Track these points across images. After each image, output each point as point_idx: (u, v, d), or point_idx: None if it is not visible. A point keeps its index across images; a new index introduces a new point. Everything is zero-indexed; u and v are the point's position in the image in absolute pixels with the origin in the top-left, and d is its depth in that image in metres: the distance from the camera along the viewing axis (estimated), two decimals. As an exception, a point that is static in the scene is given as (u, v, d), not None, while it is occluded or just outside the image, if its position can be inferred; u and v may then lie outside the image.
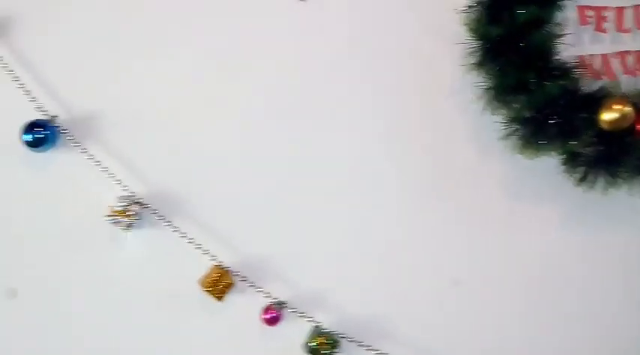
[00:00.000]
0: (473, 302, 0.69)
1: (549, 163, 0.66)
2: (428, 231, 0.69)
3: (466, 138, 0.69)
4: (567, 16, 0.68)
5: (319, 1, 0.69)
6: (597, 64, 0.68)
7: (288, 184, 0.69)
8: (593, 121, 0.63)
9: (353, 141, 0.69)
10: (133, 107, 0.69)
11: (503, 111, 0.66)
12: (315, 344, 0.65)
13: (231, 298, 0.66)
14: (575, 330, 0.69)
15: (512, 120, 0.66)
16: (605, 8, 0.68)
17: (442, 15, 0.67)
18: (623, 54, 0.68)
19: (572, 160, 0.66)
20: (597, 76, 0.67)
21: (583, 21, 0.68)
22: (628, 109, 0.62)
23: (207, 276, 0.66)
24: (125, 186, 0.66)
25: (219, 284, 0.66)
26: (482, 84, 0.66)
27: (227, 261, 0.67)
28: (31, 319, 0.69)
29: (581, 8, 0.68)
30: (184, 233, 0.66)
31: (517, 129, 0.65)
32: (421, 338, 0.69)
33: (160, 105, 0.69)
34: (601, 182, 0.64)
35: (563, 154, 0.66)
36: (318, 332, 0.66)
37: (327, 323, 0.66)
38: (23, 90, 0.67)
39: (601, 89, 0.64)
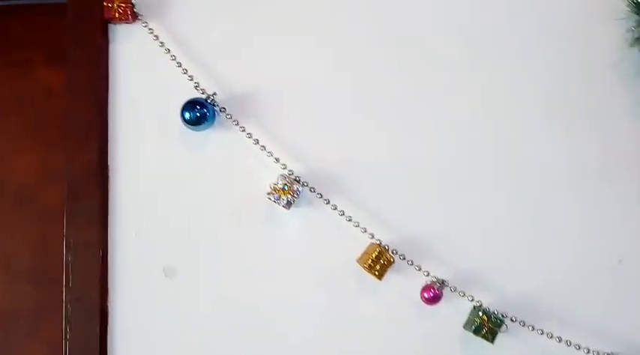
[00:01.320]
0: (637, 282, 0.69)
1: None
2: (593, 212, 0.69)
3: (631, 115, 0.68)
4: None
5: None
6: None
7: (451, 165, 0.70)
8: None
9: (515, 123, 0.69)
10: (292, 86, 0.70)
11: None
12: (478, 323, 0.66)
13: (390, 276, 0.67)
14: None
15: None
16: None
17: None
18: None
19: None
20: None
21: None
22: None
23: (366, 254, 0.67)
24: (283, 165, 0.68)
25: (379, 262, 0.67)
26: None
27: (385, 239, 0.67)
28: (188, 296, 0.71)
29: None
30: (342, 211, 0.68)
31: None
32: (591, 322, 0.68)
33: (319, 84, 0.70)
34: None
35: None
36: (480, 311, 0.66)
37: (487, 303, 0.67)
38: (181, 70, 0.69)
39: None
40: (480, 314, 0.66)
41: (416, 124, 0.70)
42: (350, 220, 0.68)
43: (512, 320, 0.67)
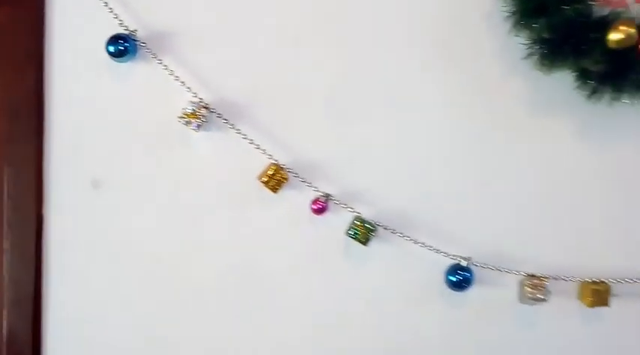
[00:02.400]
0: (492, 198, 0.83)
1: (565, 79, 0.79)
2: (459, 139, 0.83)
3: (495, 58, 0.82)
4: (587, -53, 0.80)
5: None
6: (615, -9, 0.80)
7: (342, 96, 0.82)
8: (602, 41, 0.75)
9: (400, 62, 0.82)
10: (205, 22, 0.82)
11: (526, 33, 0.79)
12: (355, 230, 0.81)
13: (284, 191, 0.81)
14: (587, 228, 0.84)
15: (534, 41, 0.79)
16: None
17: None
18: (635, -17, 0.80)
19: (584, 76, 0.78)
20: (612, 3, 0.79)
21: (601, -48, 0.80)
22: (632, 31, 0.74)
23: (264, 172, 0.81)
24: (194, 93, 0.81)
25: (274, 178, 0.81)
26: (509, 8, 0.79)
27: (282, 159, 0.81)
28: (114, 207, 0.85)
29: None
30: (245, 134, 0.81)
31: (537, 49, 0.78)
32: (452, 232, 0.83)
33: (233, 23, 0.82)
34: (608, 96, 0.78)
35: (576, 71, 0.78)
36: (358, 219, 0.81)
37: (366, 214, 0.81)
38: (107, 9, 0.81)
39: (610, 13, 0.76)
40: (357, 222, 0.81)
41: (314, 56, 0.82)
42: (252, 143, 0.81)
43: (384, 228, 0.82)
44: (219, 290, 0.86)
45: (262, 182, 0.81)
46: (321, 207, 0.81)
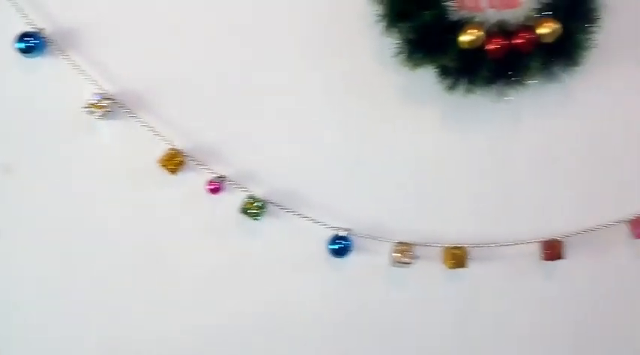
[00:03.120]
0: (369, 178, 0.96)
1: (430, 74, 0.91)
2: (340, 125, 0.94)
3: (371, 56, 0.93)
4: (445, -42, 0.92)
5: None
6: (469, -1, 0.93)
7: (233, 81, 0.92)
8: (457, 42, 0.88)
9: (285, 53, 0.92)
10: (109, 19, 0.90)
11: (394, 34, 0.90)
12: (246, 206, 0.92)
13: (182, 174, 0.91)
14: (449, 201, 0.97)
15: (402, 40, 0.90)
16: (472, -50, 0.92)
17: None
18: (490, -9, 0.93)
19: (443, 72, 0.91)
20: (468, 7, 0.91)
21: (452, -37, 0.92)
22: (480, 33, 0.87)
23: (163, 156, 0.91)
24: (98, 86, 0.89)
25: (172, 161, 0.91)
26: (381, 12, 0.89)
27: (180, 144, 0.91)
28: (23, 192, 0.94)
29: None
30: (146, 122, 0.91)
31: (403, 48, 0.90)
32: (334, 207, 0.96)
33: (130, 19, 0.90)
34: (463, 89, 0.90)
35: (437, 68, 0.90)
36: (250, 198, 0.92)
37: (258, 193, 0.93)
38: (16, 8, 0.88)
39: (463, 17, 0.89)
40: (249, 200, 0.93)
41: (207, 48, 0.91)
42: (151, 130, 0.91)
43: (274, 205, 0.93)
44: (125, 267, 0.96)
45: (162, 165, 0.91)
46: (215, 187, 0.92)
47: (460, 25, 0.88)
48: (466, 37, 0.87)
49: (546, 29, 0.88)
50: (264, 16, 0.92)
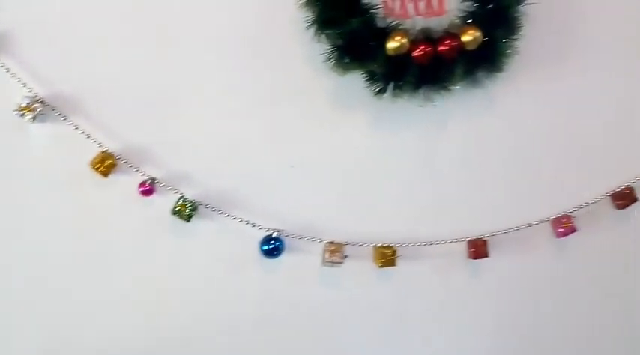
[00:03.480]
0: (300, 179, 0.99)
1: (359, 79, 0.94)
2: (272, 128, 0.97)
3: (301, 61, 0.96)
4: (374, -33, 0.95)
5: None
6: (396, 6, 0.94)
7: (165, 86, 0.94)
8: (384, 48, 0.92)
9: (218, 58, 0.95)
10: (40, 23, 0.91)
11: (325, 40, 0.93)
12: (178, 208, 0.94)
13: (114, 176, 0.93)
14: (378, 201, 1.01)
15: (332, 46, 0.93)
16: (402, -37, 0.95)
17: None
18: (415, 0, 0.95)
19: (372, 76, 0.94)
20: (395, 15, 0.95)
21: (382, -28, 0.95)
22: (405, 41, 0.90)
23: (94, 158, 0.92)
24: (30, 89, 0.90)
25: (104, 164, 0.92)
26: (311, 18, 0.92)
27: (112, 147, 0.93)
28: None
29: (382, -37, 0.95)
30: (77, 125, 0.92)
31: (333, 54, 0.92)
32: (266, 208, 0.98)
33: (62, 23, 0.91)
34: (391, 94, 0.94)
35: (365, 73, 0.94)
36: (181, 199, 0.94)
37: (190, 195, 0.95)
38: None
39: (390, 25, 0.92)
40: (181, 201, 0.95)
41: (138, 52, 0.93)
42: (83, 133, 0.92)
43: (206, 207, 0.96)
44: (60, 268, 0.98)
45: (94, 168, 0.92)
46: (147, 189, 0.94)
47: (387, 32, 0.92)
48: (393, 44, 0.90)
49: (469, 37, 0.91)
50: (195, 19, 0.94)
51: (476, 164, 1.01)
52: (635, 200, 1.02)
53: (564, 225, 1.02)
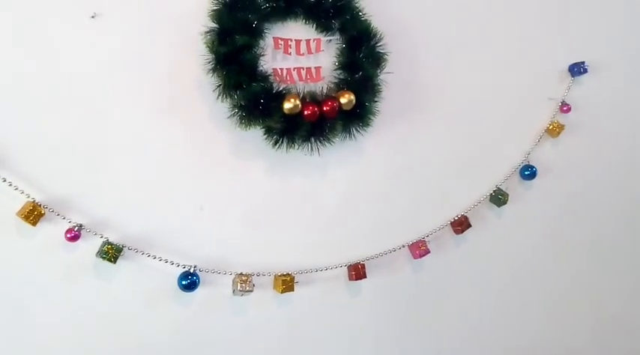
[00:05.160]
0: (210, 220, 1.15)
1: (258, 133, 1.14)
2: (183, 175, 1.12)
3: (209, 116, 1.13)
4: (267, 42, 1.16)
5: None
6: (284, 74, 1.17)
7: (88, 139, 1.05)
8: (280, 108, 1.12)
9: (134, 112, 1.08)
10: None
11: (229, 100, 1.11)
12: (104, 251, 1.04)
13: (42, 224, 1.01)
14: (278, 235, 1.20)
15: (234, 106, 1.11)
16: (290, 39, 1.17)
17: (192, 35, 1.10)
18: (299, 69, 1.18)
19: (269, 131, 1.14)
20: (284, 81, 1.17)
21: (276, 46, 1.17)
22: (297, 102, 1.12)
23: (23, 209, 1.00)
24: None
25: (33, 214, 1.00)
26: (217, 82, 1.10)
27: (38, 197, 1.01)
28: None
29: (276, 39, 1.16)
30: (4, 178, 1.00)
31: (237, 112, 1.11)
32: (181, 246, 1.12)
33: None
34: (285, 145, 1.15)
35: (264, 128, 1.14)
36: (106, 243, 1.05)
37: (113, 238, 1.06)
38: None
39: (284, 89, 1.14)
40: (106, 245, 1.05)
41: (61, 108, 1.04)
42: (11, 185, 1.00)
43: (128, 248, 1.07)
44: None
45: (22, 217, 1.00)
46: (74, 235, 1.03)
47: (282, 95, 1.13)
48: (288, 105, 1.12)
49: (346, 99, 1.16)
50: (116, 78, 1.08)
51: (351, 201, 1.26)
52: (469, 225, 1.34)
53: (420, 248, 1.30)
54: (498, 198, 1.36)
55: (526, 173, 1.39)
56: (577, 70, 1.41)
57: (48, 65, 1.03)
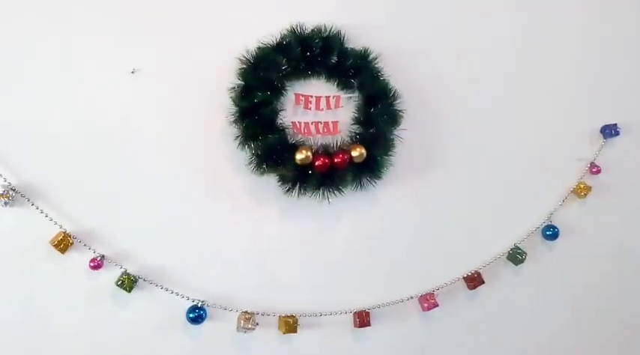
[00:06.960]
0: (222, 259, 1.26)
1: (273, 179, 1.25)
2: (201, 216, 1.25)
3: (229, 162, 1.26)
4: (289, 97, 1.28)
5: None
6: (302, 127, 1.28)
7: (119, 178, 1.21)
8: (293, 158, 1.23)
9: (151, 160, 1.23)
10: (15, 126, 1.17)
11: (248, 149, 1.24)
12: (121, 281, 1.18)
13: (69, 253, 1.16)
14: (281, 276, 1.29)
15: (253, 154, 1.23)
16: (310, 96, 1.29)
17: (221, 91, 1.24)
18: (317, 123, 1.29)
19: (283, 179, 1.25)
20: (302, 133, 1.27)
21: (297, 102, 1.28)
22: (309, 153, 1.22)
23: (54, 238, 1.16)
24: (5, 179, 1.15)
25: (62, 242, 1.16)
26: (237, 133, 1.23)
27: (69, 228, 1.17)
28: None
29: (297, 95, 1.28)
30: (42, 210, 1.16)
31: (253, 160, 1.23)
32: (192, 282, 1.24)
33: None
34: (297, 192, 1.25)
35: (278, 176, 1.25)
36: (124, 273, 1.18)
37: (131, 269, 1.19)
38: None
39: (298, 141, 1.25)
40: (124, 275, 1.19)
41: (93, 156, 1.20)
42: (47, 216, 1.16)
43: (144, 280, 1.20)
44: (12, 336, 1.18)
45: (53, 245, 1.15)
46: (97, 264, 1.17)
47: (296, 146, 1.24)
48: (300, 156, 1.23)
49: (357, 152, 1.26)
50: (144, 126, 1.22)
51: (360, 250, 1.34)
52: (482, 282, 1.38)
53: (429, 301, 1.35)
54: (516, 256, 1.39)
55: (548, 233, 1.42)
56: (609, 131, 1.44)
57: (87, 115, 1.20)
